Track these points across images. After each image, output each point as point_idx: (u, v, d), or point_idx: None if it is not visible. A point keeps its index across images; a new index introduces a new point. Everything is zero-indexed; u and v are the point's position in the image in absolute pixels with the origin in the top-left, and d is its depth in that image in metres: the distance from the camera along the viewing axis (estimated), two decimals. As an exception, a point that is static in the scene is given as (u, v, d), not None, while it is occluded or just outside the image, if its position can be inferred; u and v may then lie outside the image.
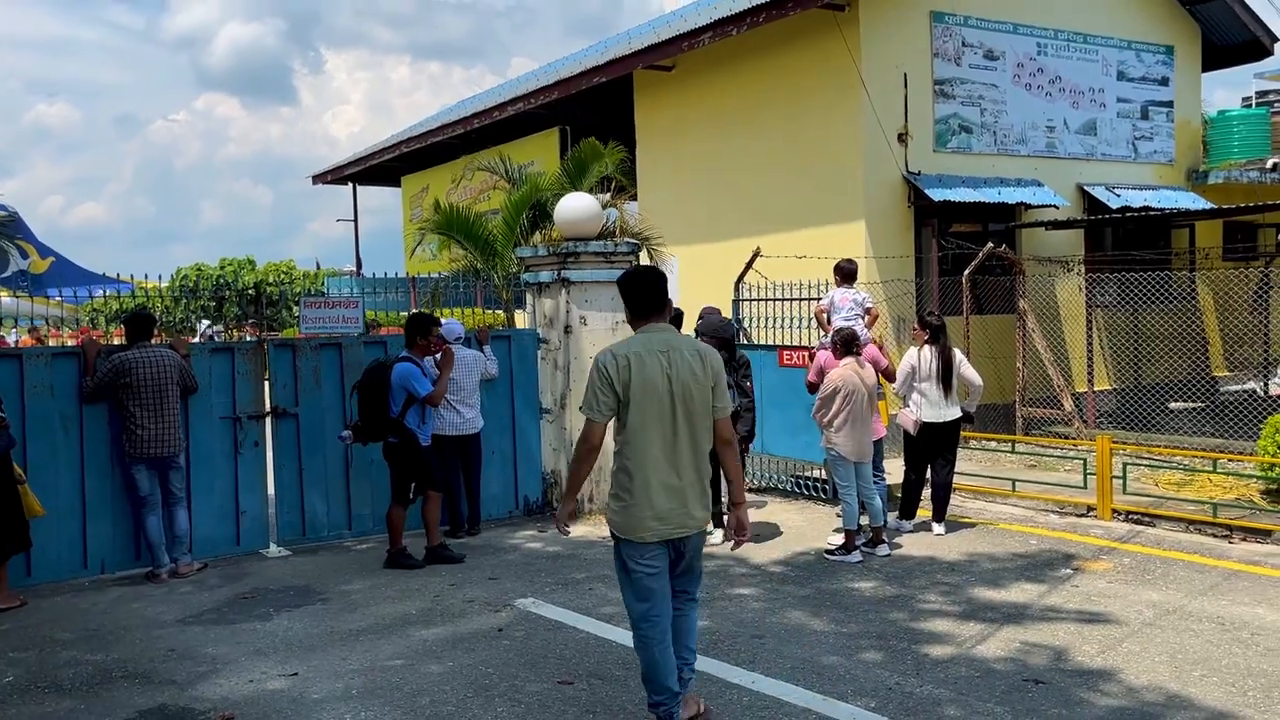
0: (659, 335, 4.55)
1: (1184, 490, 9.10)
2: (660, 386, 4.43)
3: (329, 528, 8.66)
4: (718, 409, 4.56)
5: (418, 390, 7.71)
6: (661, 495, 4.41)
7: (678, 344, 4.55)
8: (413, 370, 7.77)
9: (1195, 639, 5.73)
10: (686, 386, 4.46)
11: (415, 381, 7.72)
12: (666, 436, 4.44)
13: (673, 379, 4.44)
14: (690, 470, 4.48)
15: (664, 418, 4.44)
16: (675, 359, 4.47)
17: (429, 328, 8.05)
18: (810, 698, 5.01)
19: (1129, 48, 14.84)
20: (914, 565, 7.50)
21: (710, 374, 4.53)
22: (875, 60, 12.45)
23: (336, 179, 26.61)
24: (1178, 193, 14.99)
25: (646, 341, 4.51)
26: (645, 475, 4.42)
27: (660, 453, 4.43)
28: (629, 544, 4.47)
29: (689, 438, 4.47)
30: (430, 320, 8.17)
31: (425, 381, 7.79)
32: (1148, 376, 13.00)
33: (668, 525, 4.43)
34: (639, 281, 4.64)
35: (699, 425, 4.50)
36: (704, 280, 12.66)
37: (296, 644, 6.06)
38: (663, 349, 4.49)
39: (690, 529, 4.49)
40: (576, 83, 16.23)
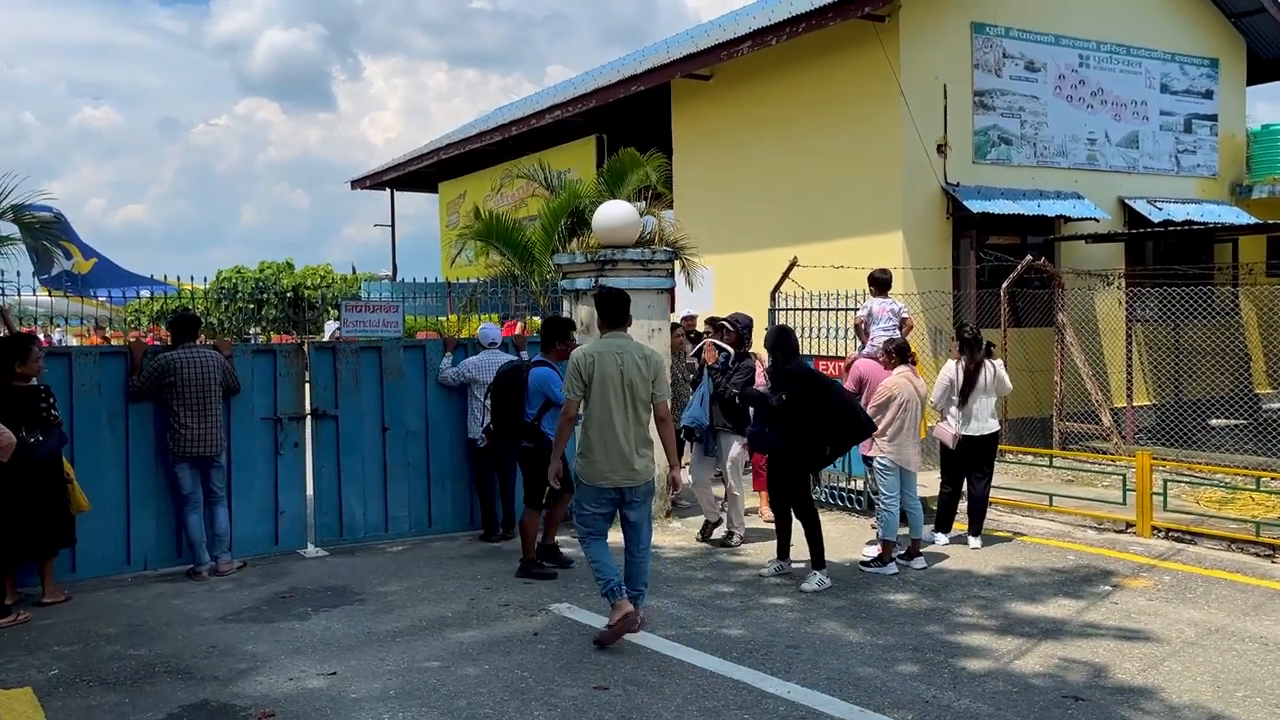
0: (616, 341, 6.22)
1: (1226, 508, 8.98)
2: (614, 378, 6.07)
3: (366, 529, 8.75)
4: (656, 395, 6.18)
5: (556, 395, 7.37)
6: (614, 455, 6.03)
7: (629, 348, 6.19)
8: (551, 375, 7.56)
9: (1238, 659, 5.66)
10: (632, 379, 6.09)
11: (554, 386, 7.44)
12: (617, 413, 6.06)
13: (623, 372, 6.08)
14: (634, 438, 6.09)
15: (616, 400, 6.07)
16: (625, 358, 6.11)
17: (568, 332, 7.82)
18: (846, 709, 5.00)
19: (1173, 60, 14.70)
20: (950, 578, 7.45)
21: (651, 370, 6.16)
22: (915, 71, 12.42)
23: (375, 184, 26.87)
24: (1221, 207, 14.81)
25: (608, 345, 6.19)
26: (603, 440, 6.06)
27: (613, 425, 6.05)
28: (589, 488, 6.13)
29: (634, 415, 6.10)
30: (566, 325, 7.98)
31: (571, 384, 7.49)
32: (1188, 392, 12.84)
33: (617, 475, 6.05)
34: (611, 301, 6.36)
35: (641, 406, 6.13)
36: (740, 290, 12.66)
37: (335, 644, 6.13)
38: (617, 351, 6.13)
39: (633, 480, 6.08)
40: (614, 91, 16.31)
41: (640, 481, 6.10)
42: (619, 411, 6.07)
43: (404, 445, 8.88)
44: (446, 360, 8.98)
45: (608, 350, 6.16)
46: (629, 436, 6.06)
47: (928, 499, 8.60)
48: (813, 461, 7.54)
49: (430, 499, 9.00)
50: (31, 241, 11.45)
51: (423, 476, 8.96)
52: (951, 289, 12.55)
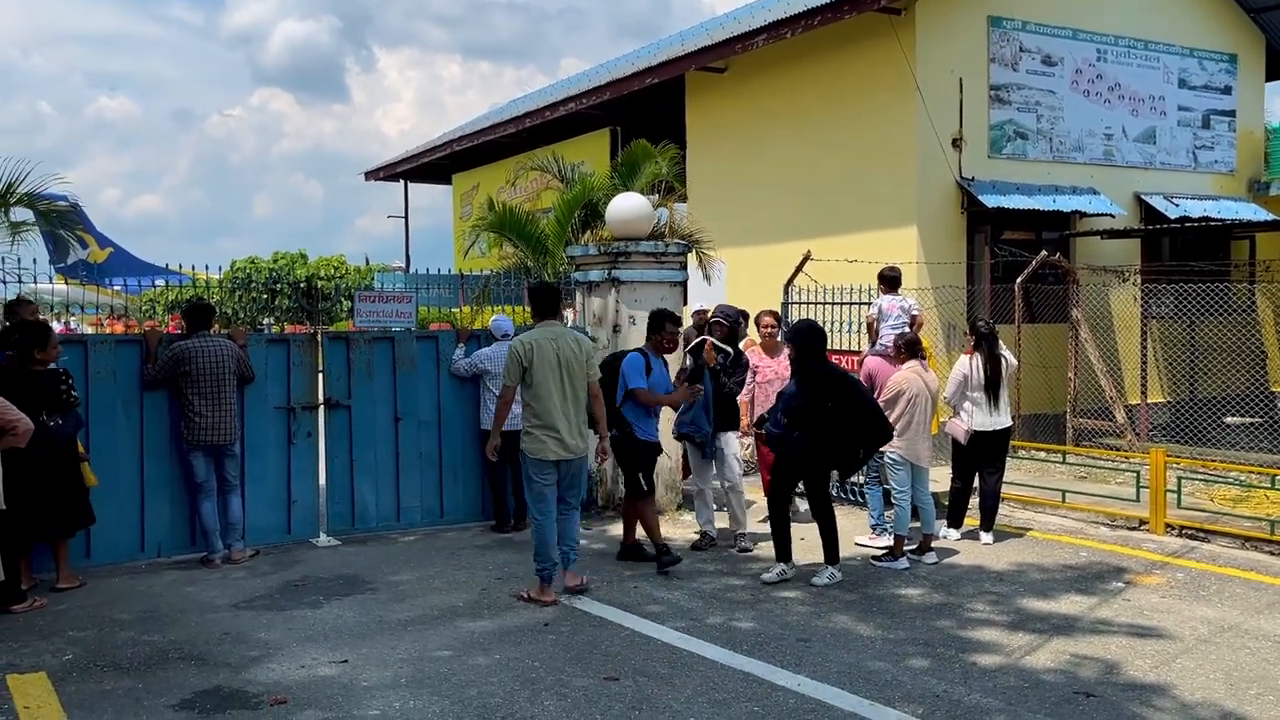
0: (551, 329, 6.86)
1: (1240, 506, 8.93)
2: (551, 362, 6.69)
3: (378, 519, 8.78)
4: (590, 375, 6.88)
5: (628, 381, 7.46)
6: (553, 431, 6.67)
7: (563, 334, 6.89)
8: (635, 361, 7.53)
9: (1252, 657, 5.63)
10: (568, 362, 6.74)
11: (630, 372, 7.47)
12: (556, 394, 6.69)
13: (559, 356, 6.70)
14: (572, 416, 6.75)
15: (555, 381, 6.69)
16: (560, 344, 6.76)
17: (662, 323, 7.69)
18: (857, 702, 5.00)
19: (1191, 55, 14.59)
20: (961, 574, 7.44)
21: (584, 353, 6.87)
22: (931, 64, 12.36)
23: (389, 176, 26.91)
24: (1238, 203, 14.71)
25: (544, 333, 6.81)
26: (544, 419, 6.67)
27: (553, 404, 6.67)
28: (535, 462, 6.72)
29: (571, 394, 6.75)
30: (664, 316, 7.76)
31: (638, 374, 7.47)
32: (1203, 390, 12.77)
33: (558, 451, 6.69)
34: (543, 293, 7.11)
35: (578, 386, 6.78)
36: (752, 283, 12.64)
37: (346, 632, 6.16)
38: (553, 338, 6.77)
39: (570, 454, 6.75)
40: (628, 84, 16.29)
41: (576, 455, 6.86)
42: (556, 393, 6.71)
43: (416, 435, 8.90)
44: (459, 351, 9.00)
45: (544, 338, 6.78)
46: (566, 415, 6.74)
47: (939, 494, 8.58)
48: (847, 465, 7.33)
49: (442, 489, 9.02)
50: (48, 229, 11.51)
51: (435, 467, 8.99)
52: (965, 284, 12.50)
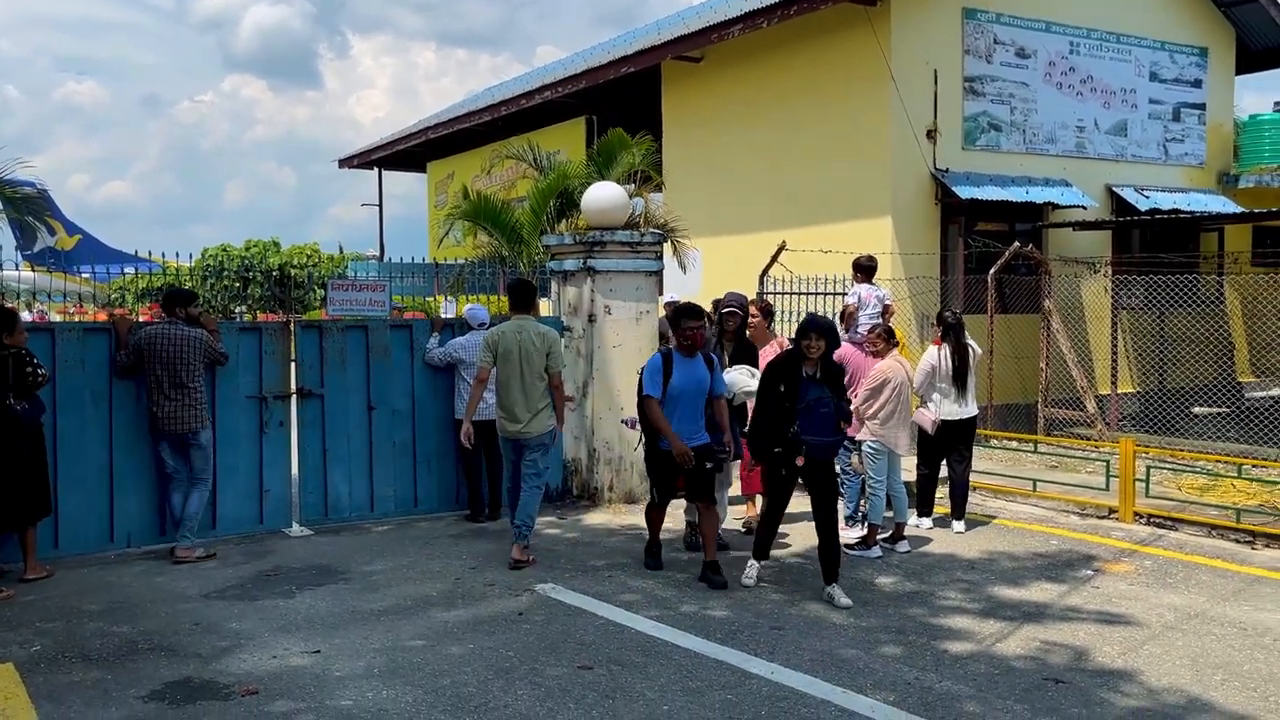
0: (519, 322, 7.55)
1: (1207, 495, 9.05)
2: (514, 351, 7.39)
3: (351, 509, 8.73)
4: (550, 366, 7.42)
5: (642, 386, 6.99)
6: (511, 412, 7.41)
7: (528, 328, 7.50)
8: (653, 364, 7.03)
9: (1217, 643, 5.71)
10: (528, 352, 7.38)
11: (645, 376, 6.99)
12: (514, 380, 7.39)
13: (521, 346, 7.38)
14: (528, 400, 7.38)
15: (516, 370, 7.38)
16: (524, 336, 7.42)
17: (679, 321, 7.01)
18: (829, 690, 5.03)
19: (1162, 48, 14.72)
20: (933, 562, 7.49)
21: (545, 344, 7.42)
22: (905, 56, 12.40)
23: (363, 163, 26.72)
24: (1208, 196, 14.87)
25: (512, 325, 7.52)
26: (502, 402, 7.48)
27: (510, 389, 7.40)
28: (501, 438, 7.62)
29: (530, 381, 7.38)
30: (683, 312, 7.05)
31: (653, 380, 6.90)
32: (1172, 380, 12.92)
33: (514, 429, 7.41)
34: (517, 289, 7.86)
35: (536, 375, 7.39)
36: (728, 273, 12.66)
37: (319, 622, 6.13)
38: (518, 330, 7.47)
39: (526, 434, 7.39)
40: (604, 72, 16.24)
41: (532, 435, 7.43)
42: (515, 379, 7.40)
43: (390, 425, 8.86)
44: (433, 340, 8.96)
45: (511, 329, 7.52)
46: (524, 398, 7.39)
47: (907, 483, 8.64)
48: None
49: (416, 479, 8.98)
50: (15, 216, 11.34)
51: (409, 456, 8.95)
52: (939, 275, 12.58)
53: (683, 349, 6.98)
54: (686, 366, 6.96)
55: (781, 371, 6.65)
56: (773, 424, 6.60)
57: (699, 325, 6.96)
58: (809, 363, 6.58)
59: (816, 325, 6.74)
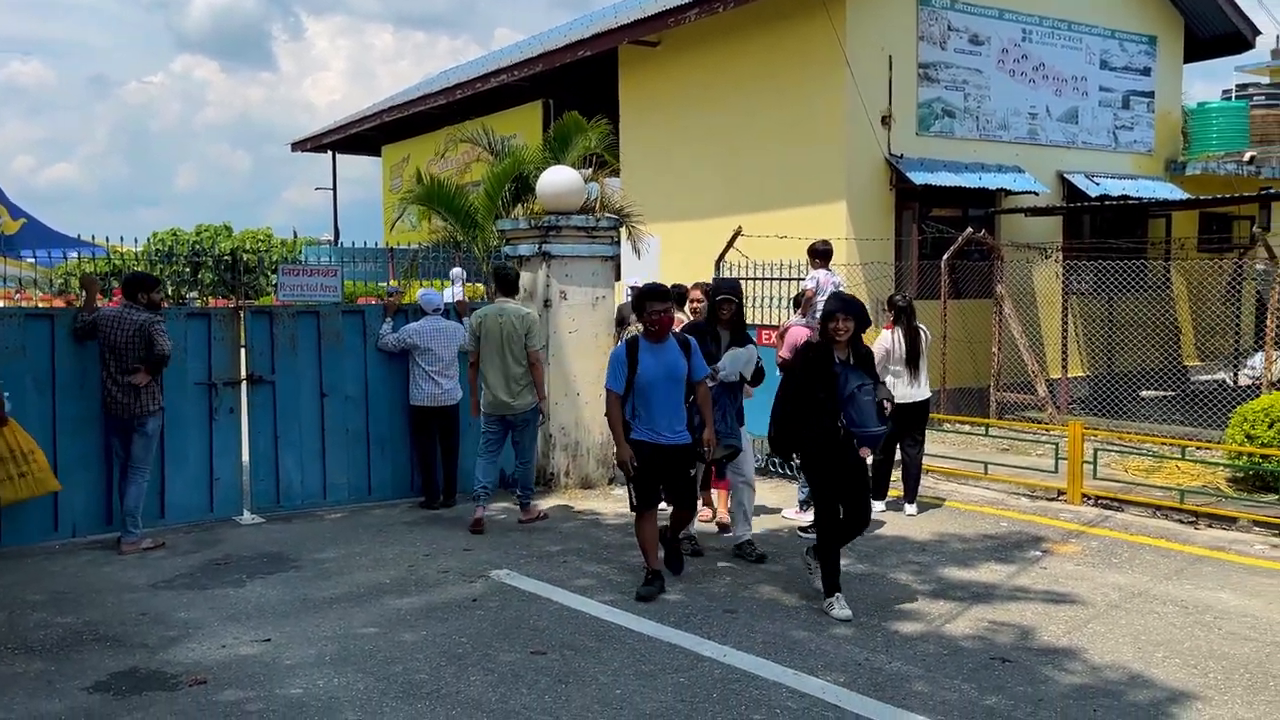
0: (500, 305, 8.12)
1: (1152, 477, 9.22)
2: (495, 333, 7.98)
3: (304, 496, 8.64)
4: (530, 345, 7.99)
5: (606, 378, 6.39)
6: (496, 391, 7.99)
7: (509, 311, 8.08)
8: (616, 355, 6.36)
9: (1159, 621, 5.83)
10: (510, 333, 7.96)
11: (609, 368, 6.36)
12: (497, 360, 7.96)
13: (502, 328, 7.97)
14: (511, 381, 7.95)
15: (498, 350, 7.97)
16: (504, 319, 8.00)
17: (641, 304, 6.30)
18: (781, 672, 5.07)
19: (1112, 36, 14.91)
20: (885, 544, 7.57)
21: (524, 325, 8.01)
22: (860, 42, 12.45)
23: (316, 147, 26.34)
24: (1156, 183, 15.11)
25: (494, 309, 8.12)
26: (486, 381, 8.03)
27: (494, 369, 7.98)
28: (485, 415, 8.12)
29: (511, 361, 7.96)
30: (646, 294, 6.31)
31: (615, 372, 6.28)
32: (1120, 364, 13.14)
33: (500, 408, 8.00)
34: (500, 275, 8.42)
35: (517, 354, 7.95)
36: (685, 258, 12.67)
37: (269, 610, 6.06)
38: (499, 313, 8.04)
39: (512, 411, 8.00)
40: (560, 56, 16.12)
41: (518, 411, 8.03)
42: (498, 359, 7.95)
43: (343, 411, 8.77)
44: (387, 325, 8.87)
45: (492, 313, 8.08)
46: (506, 378, 7.94)
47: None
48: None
49: (370, 466, 8.91)
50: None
51: (362, 443, 8.87)
52: (894, 260, 12.67)
53: (649, 335, 6.28)
54: (656, 353, 6.24)
55: (811, 362, 5.99)
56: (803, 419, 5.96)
57: (666, 308, 6.24)
58: (839, 347, 5.92)
59: (845, 304, 6.00)
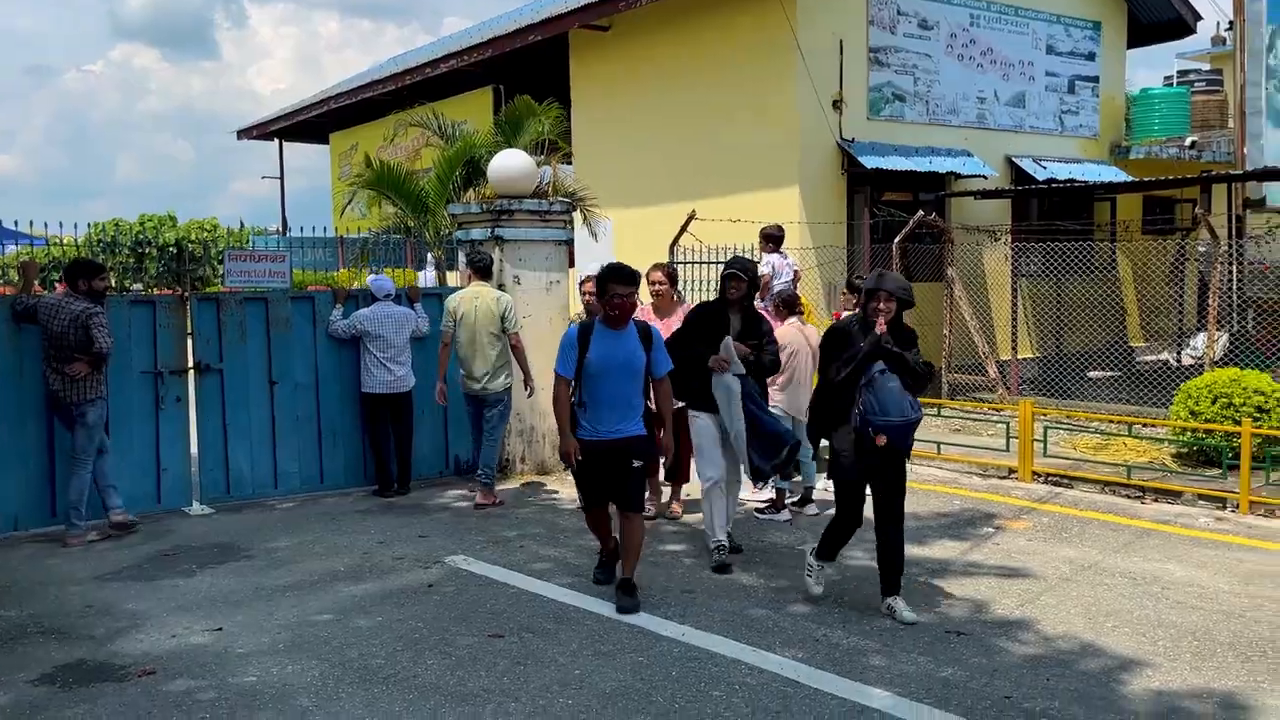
0: (476, 288, 8.30)
1: (1100, 454, 9.39)
2: (470, 316, 8.15)
3: (254, 486, 8.50)
4: (507, 328, 8.17)
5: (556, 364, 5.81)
6: (470, 371, 8.20)
7: (484, 294, 8.25)
8: (567, 337, 5.78)
9: (1109, 593, 5.94)
10: (483, 316, 8.14)
11: (559, 351, 5.79)
12: (475, 344, 8.15)
13: (478, 311, 8.15)
14: (486, 361, 8.16)
15: (474, 333, 8.14)
16: (479, 303, 8.18)
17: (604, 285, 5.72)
18: (740, 649, 5.08)
19: (1058, 22, 15.10)
20: (841, 524, 7.61)
21: (500, 308, 8.19)
22: (811, 26, 12.48)
23: (262, 135, 25.92)
24: (1101, 166, 15.35)
25: (470, 291, 8.30)
26: (462, 363, 8.22)
27: (470, 351, 8.16)
28: (463, 394, 8.34)
29: (486, 343, 8.16)
30: (608, 276, 5.72)
31: (565, 356, 5.70)
32: (1069, 345, 13.36)
33: (475, 387, 8.22)
34: (475, 260, 8.50)
35: (491, 337, 8.15)
36: (639, 243, 12.62)
37: (220, 600, 5.96)
38: (475, 297, 8.23)
39: (486, 391, 8.19)
40: (511, 41, 15.99)
41: (491, 392, 8.20)
42: (473, 341, 8.12)
43: (293, 399, 8.63)
44: (337, 312, 8.74)
45: (468, 295, 8.26)
46: (482, 359, 8.14)
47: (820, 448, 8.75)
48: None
49: (322, 454, 8.78)
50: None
51: (313, 431, 8.74)
52: (846, 244, 12.75)
53: (608, 320, 5.70)
54: (611, 340, 5.69)
55: (845, 342, 5.55)
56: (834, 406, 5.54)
57: (629, 292, 5.66)
58: (878, 329, 5.45)
59: (888, 284, 5.52)
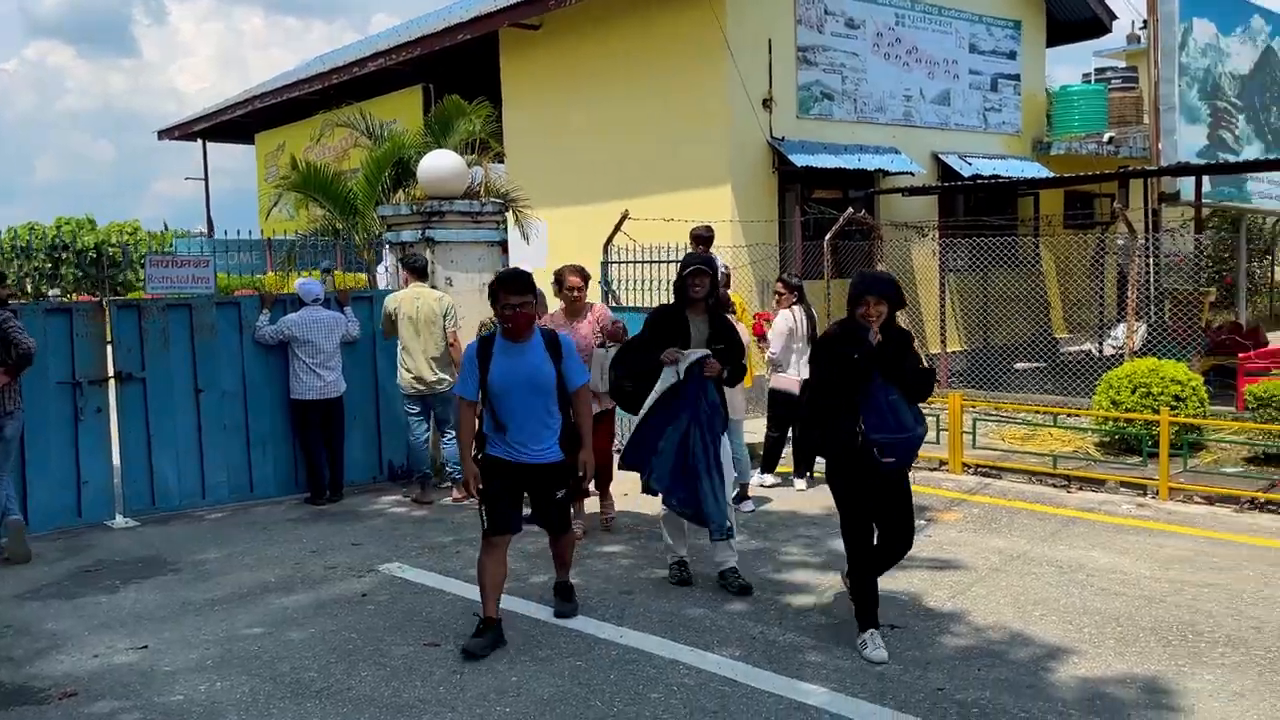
0: (415, 290, 8.47)
1: (1028, 444, 9.60)
2: (413, 315, 8.32)
3: (181, 497, 8.30)
4: (449, 326, 8.36)
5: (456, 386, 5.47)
6: (417, 373, 8.34)
7: (425, 295, 8.43)
8: (468, 354, 5.30)
9: (1036, 581, 6.07)
10: (426, 316, 8.32)
11: (461, 369, 5.38)
12: (418, 343, 8.31)
13: (420, 311, 8.33)
14: (431, 361, 8.33)
15: (415, 333, 8.31)
16: (420, 303, 8.35)
17: (495, 295, 5.17)
18: (678, 649, 5.09)
19: (980, 21, 15.39)
20: (777, 519, 7.68)
21: (442, 307, 8.38)
22: (741, 25, 12.55)
23: (185, 135, 25.26)
24: (1024, 162, 15.68)
25: (410, 293, 8.44)
26: (406, 363, 8.37)
27: (415, 351, 8.32)
28: (406, 399, 8.51)
29: (429, 342, 8.33)
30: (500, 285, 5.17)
31: (466, 374, 5.26)
32: (996, 338, 13.64)
33: (422, 388, 8.38)
34: (413, 261, 8.67)
35: (435, 336, 8.32)
36: (573, 242, 12.58)
37: (146, 616, 5.80)
38: (416, 297, 8.40)
39: (432, 389, 8.35)
40: (440, 39, 15.81)
41: (437, 391, 8.36)
42: (418, 341, 8.29)
43: (220, 407, 8.44)
44: (264, 317, 8.56)
45: (408, 296, 8.43)
46: (427, 359, 8.30)
47: (753, 444, 8.82)
48: None
49: (251, 463, 8.61)
50: None
51: (242, 439, 8.56)
52: (778, 242, 12.85)
53: (505, 332, 5.19)
54: (514, 354, 5.18)
55: (835, 351, 5.05)
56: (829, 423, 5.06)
57: (524, 302, 5.10)
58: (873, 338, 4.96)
59: (876, 284, 4.98)
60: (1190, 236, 12.64)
